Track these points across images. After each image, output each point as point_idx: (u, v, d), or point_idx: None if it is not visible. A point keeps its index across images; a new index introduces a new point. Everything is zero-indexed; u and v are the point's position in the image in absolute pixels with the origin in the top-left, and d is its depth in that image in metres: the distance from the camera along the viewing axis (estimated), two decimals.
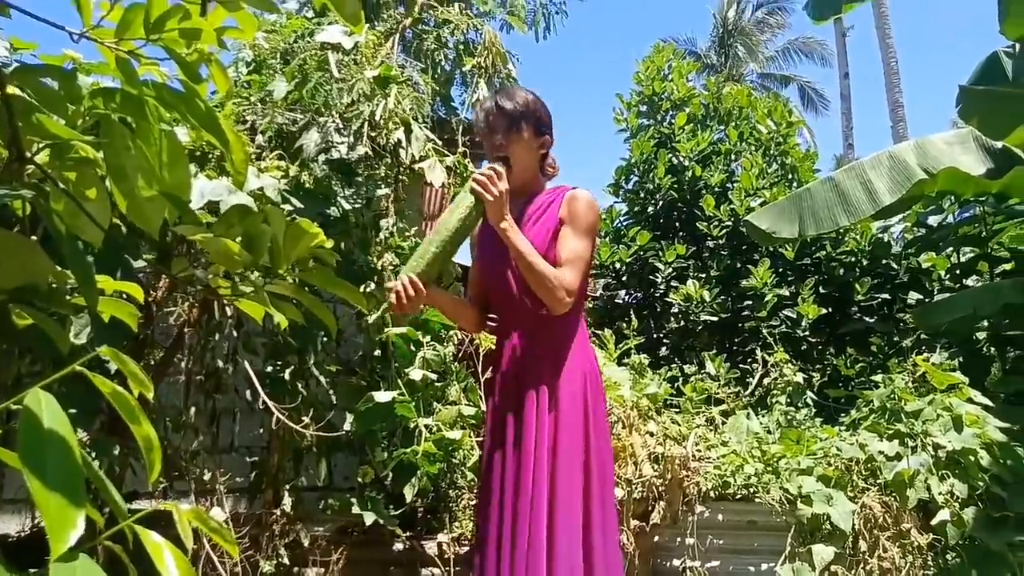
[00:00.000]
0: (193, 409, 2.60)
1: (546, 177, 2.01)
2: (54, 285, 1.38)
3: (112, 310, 1.32)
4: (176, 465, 2.58)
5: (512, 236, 1.78)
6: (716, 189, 5.25)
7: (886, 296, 4.86)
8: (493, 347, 2.08)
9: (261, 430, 2.83)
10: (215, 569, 2.44)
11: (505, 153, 1.87)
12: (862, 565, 2.50)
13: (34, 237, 1.50)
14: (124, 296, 1.43)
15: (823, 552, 2.50)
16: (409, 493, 2.65)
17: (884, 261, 4.96)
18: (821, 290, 4.90)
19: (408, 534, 2.73)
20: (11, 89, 1.06)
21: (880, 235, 5.08)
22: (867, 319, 4.85)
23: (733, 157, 5.50)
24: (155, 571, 0.81)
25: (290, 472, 2.74)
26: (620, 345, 3.86)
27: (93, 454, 2.43)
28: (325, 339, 2.61)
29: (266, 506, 2.66)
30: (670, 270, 5.14)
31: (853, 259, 5.01)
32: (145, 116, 1.09)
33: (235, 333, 2.62)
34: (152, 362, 2.54)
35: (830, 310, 4.84)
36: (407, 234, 2.84)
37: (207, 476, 2.54)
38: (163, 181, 1.20)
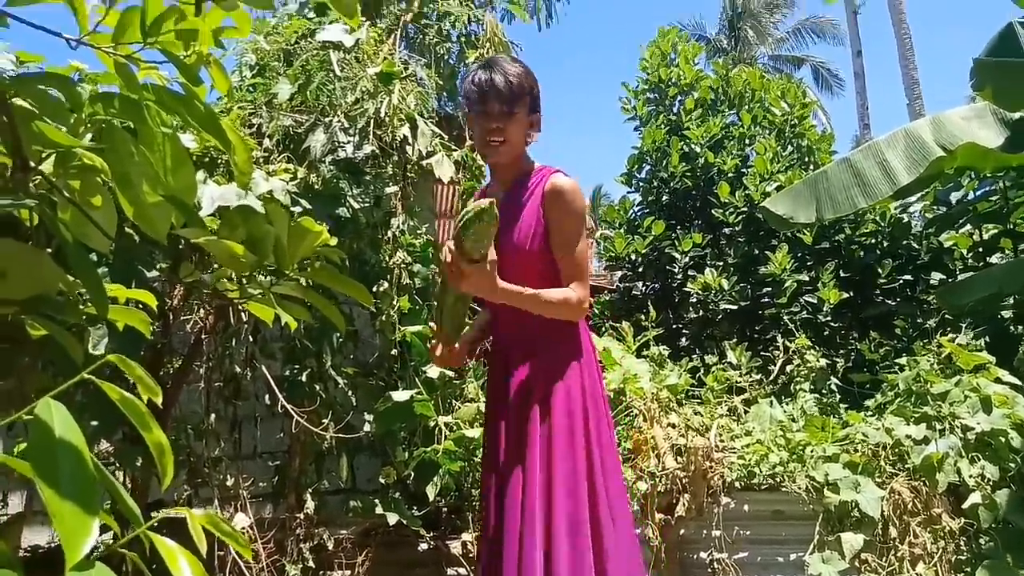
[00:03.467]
0: (214, 416, 2.61)
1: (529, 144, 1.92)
2: (68, 296, 1.37)
3: (125, 318, 1.32)
4: (199, 472, 2.60)
5: (512, 298, 1.71)
6: (730, 175, 5.19)
7: (908, 277, 4.78)
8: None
9: (282, 435, 2.84)
10: (242, 574, 2.45)
11: (501, 134, 1.78)
12: (893, 552, 2.45)
13: (49, 250, 1.50)
14: (138, 304, 1.43)
15: (852, 540, 2.45)
16: (431, 492, 2.64)
17: (904, 242, 4.88)
18: (841, 274, 4.83)
19: (432, 534, 2.72)
20: (17, 102, 1.06)
21: (900, 215, 4.99)
22: (889, 302, 4.77)
23: (747, 142, 5.44)
24: None
25: (312, 475, 2.74)
26: (639, 337, 3.83)
27: (116, 464, 2.45)
28: (341, 340, 2.60)
29: (289, 510, 2.66)
30: (687, 259, 5.09)
31: (873, 241, 4.93)
32: (144, 120, 1.08)
33: (252, 338, 2.63)
34: (171, 370, 2.55)
35: (851, 294, 4.77)
36: (418, 232, 2.83)
37: (230, 482, 2.54)
38: (168, 186, 1.19)
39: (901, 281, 4.75)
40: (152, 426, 0.92)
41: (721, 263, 5.02)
